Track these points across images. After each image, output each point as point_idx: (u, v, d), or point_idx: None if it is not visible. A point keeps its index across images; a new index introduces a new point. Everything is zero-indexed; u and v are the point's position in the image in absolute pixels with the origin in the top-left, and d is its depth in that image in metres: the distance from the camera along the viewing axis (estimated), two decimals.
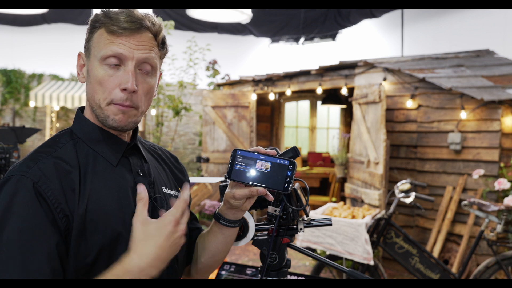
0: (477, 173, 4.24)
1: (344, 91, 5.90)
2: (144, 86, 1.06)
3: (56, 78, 9.52)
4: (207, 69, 8.32)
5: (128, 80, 1.02)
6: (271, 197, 1.08)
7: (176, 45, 6.08)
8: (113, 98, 1.03)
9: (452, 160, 4.69)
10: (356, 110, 5.30)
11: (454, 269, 4.33)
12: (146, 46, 1.05)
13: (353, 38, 9.61)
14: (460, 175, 4.61)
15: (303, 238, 3.89)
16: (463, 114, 4.47)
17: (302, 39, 9.95)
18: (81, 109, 1.14)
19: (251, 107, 6.75)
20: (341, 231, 3.67)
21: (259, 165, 1.05)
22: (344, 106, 8.34)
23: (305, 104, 9.16)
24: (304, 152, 8.92)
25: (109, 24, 1.03)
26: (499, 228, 3.62)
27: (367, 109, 5.06)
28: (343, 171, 6.61)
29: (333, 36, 9.74)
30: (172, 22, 7.11)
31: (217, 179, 3.35)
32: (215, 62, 8.33)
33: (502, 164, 4.26)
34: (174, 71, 7.55)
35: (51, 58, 9.59)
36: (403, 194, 3.76)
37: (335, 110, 9.18)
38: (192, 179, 3.78)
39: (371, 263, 3.52)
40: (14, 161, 2.63)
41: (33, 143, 8.94)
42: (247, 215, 1.23)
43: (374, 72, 5.28)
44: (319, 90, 6.21)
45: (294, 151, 1.15)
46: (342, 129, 8.79)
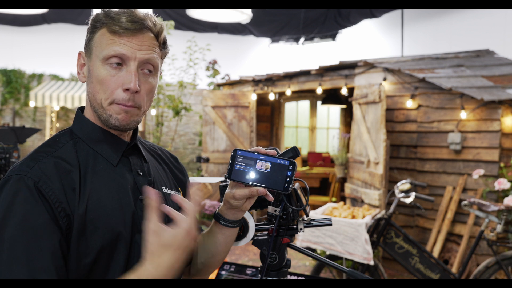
0: (477, 173, 4.24)
1: (344, 91, 5.90)
2: (146, 86, 1.07)
3: (56, 78, 9.51)
4: (207, 69, 8.32)
5: (131, 80, 1.02)
6: (271, 197, 1.08)
7: (176, 45, 6.08)
8: (115, 98, 1.03)
9: (452, 160, 4.69)
10: (356, 110, 5.30)
11: (454, 269, 4.33)
12: (148, 47, 1.05)
13: (353, 38, 9.61)
14: (460, 175, 4.61)
15: (303, 238, 3.89)
16: (463, 114, 4.47)
17: (302, 39, 9.95)
18: (81, 109, 1.14)
19: (251, 107, 6.75)
20: (341, 231, 3.67)
21: (259, 165, 1.05)
22: (344, 106, 8.34)
23: (305, 104, 9.16)
24: (304, 152, 8.92)
25: (111, 24, 1.02)
26: (499, 228, 3.62)
27: (367, 109, 5.06)
28: (343, 171, 6.61)
29: (333, 36, 9.74)
30: (172, 22, 7.12)
31: (217, 179, 3.35)
32: (215, 62, 8.32)
33: (502, 164, 4.26)
34: (174, 71, 7.55)
35: (51, 58, 9.59)
36: (403, 194, 3.76)
37: (335, 110, 9.18)
38: (192, 179, 3.78)
39: (371, 263, 3.52)
40: (14, 161, 2.63)
41: (33, 143, 8.93)
42: (247, 215, 1.23)
43: (374, 72, 5.27)
44: (319, 90, 6.21)
45: (294, 151, 1.15)
46: (342, 129, 8.79)
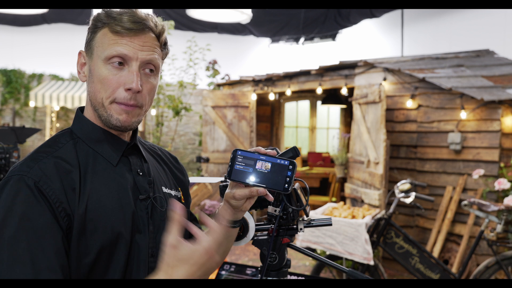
0: (477, 173, 4.24)
1: (344, 91, 5.90)
2: (148, 86, 1.07)
3: (56, 78, 9.51)
4: (207, 69, 8.32)
5: (133, 80, 1.03)
6: (271, 197, 1.08)
7: (176, 45, 6.08)
8: (117, 97, 1.04)
9: (452, 160, 4.69)
10: (356, 110, 5.30)
11: (454, 269, 4.33)
12: (150, 47, 1.05)
13: (353, 38, 9.61)
14: (460, 175, 4.61)
15: (303, 238, 3.89)
16: (463, 114, 4.47)
17: (302, 39, 9.95)
18: (81, 109, 1.14)
19: (251, 107, 6.74)
20: (341, 231, 3.67)
21: (259, 166, 1.05)
22: (344, 106, 8.34)
23: (305, 104, 9.16)
24: (304, 152, 8.92)
25: (113, 24, 1.03)
26: (499, 228, 3.62)
27: (367, 109, 5.06)
28: (343, 171, 6.61)
29: (333, 36, 9.74)
30: (172, 22, 7.12)
31: (217, 179, 3.35)
32: (215, 62, 8.32)
33: (502, 164, 4.26)
34: (174, 71, 7.55)
35: (51, 58, 9.59)
36: (403, 194, 3.75)
37: (335, 110, 9.18)
38: (192, 179, 3.78)
39: (371, 263, 3.52)
40: (14, 161, 2.63)
41: (33, 143, 8.94)
42: (247, 215, 1.23)
43: (374, 72, 5.27)
44: (319, 90, 6.21)
45: (294, 151, 1.15)
46: (342, 129, 8.79)
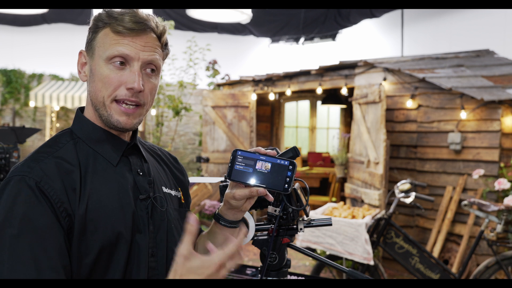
0: (477, 173, 4.24)
1: (344, 91, 5.90)
2: (149, 86, 1.07)
3: (56, 78, 9.51)
4: (207, 69, 8.32)
5: (135, 80, 1.03)
6: (271, 198, 1.08)
7: (176, 45, 6.07)
8: (118, 94, 1.04)
9: (452, 160, 4.69)
10: (356, 110, 5.30)
11: (454, 269, 4.33)
12: (151, 48, 1.06)
13: (353, 38, 9.61)
14: (460, 175, 4.61)
15: (303, 238, 3.89)
16: (463, 114, 4.47)
17: (302, 39, 9.95)
18: (81, 109, 1.14)
19: (251, 107, 6.74)
20: (341, 231, 3.67)
21: (259, 166, 1.05)
22: (344, 106, 8.34)
23: (305, 104, 9.15)
24: (304, 152, 8.92)
25: (115, 24, 1.03)
26: (499, 228, 3.62)
27: (367, 109, 5.06)
28: (343, 171, 6.61)
29: (333, 36, 9.74)
30: (172, 22, 7.11)
31: (217, 179, 3.35)
32: (215, 62, 8.32)
33: (502, 164, 4.26)
34: (174, 71, 7.55)
35: (51, 58, 9.59)
36: (403, 194, 3.75)
37: (335, 110, 9.18)
38: (192, 179, 3.78)
39: (371, 263, 3.52)
40: (14, 161, 2.63)
41: (33, 143, 8.94)
42: (247, 215, 1.23)
43: (374, 72, 5.27)
44: (319, 90, 6.21)
45: (294, 151, 1.15)
46: (342, 129, 8.79)
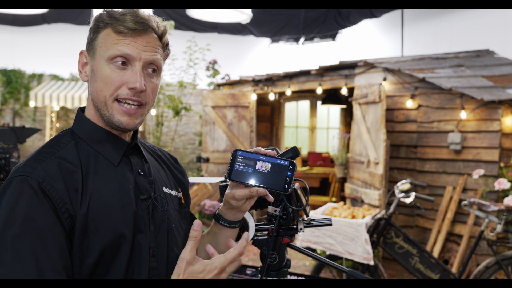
0: (477, 173, 4.24)
1: (344, 91, 5.90)
2: (150, 86, 1.08)
3: (56, 78, 9.51)
4: (207, 69, 8.32)
5: (137, 80, 1.03)
6: (271, 198, 1.08)
7: (176, 45, 6.04)
8: (120, 93, 1.04)
9: (452, 160, 4.69)
10: (356, 110, 5.30)
11: (454, 269, 4.33)
12: (153, 48, 1.06)
13: (353, 38, 9.60)
14: (460, 175, 4.61)
15: (303, 238, 3.89)
16: (463, 114, 4.47)
17: (302, 39, 9.95)
18: (82, 109, 1.14)
19: (251, 107, 6.74)
20: (341, 231, 3.67)
21: (259, 166, 1.05)
22: (344, 106, 8.34)
23: (305, 104, 9.15)
24: (304, 152, 8.92)
25: (116, 25, 1.03)
26: (499, 228, 3.62)
27: (367, 109, 5.06)
28: (343, 171, 6.61)
29: (333, 36, 9.74)
30: (172, 22, 7.12)
31: (217, 179, 3.35)
32: (215, 62, 8.32)
33: (502, 164, 4.26)
34: (174, 71, 7.55)
35: (51, 58, 9.59)
36: (403, 194, 3.75)
37: (335, 110, 9.18)
38: (192, 179, 3.78)
39: (371, 263, 3.52)
40: (14, 161, 2.63)
41: (33, 143, 8.93)
42: (247, 215, 1.23)
43: (374, 72, 5.27)
44: (319, 90, 6.21)
45: (294, 151, 1.15)
46: (342, 129, 8.79)
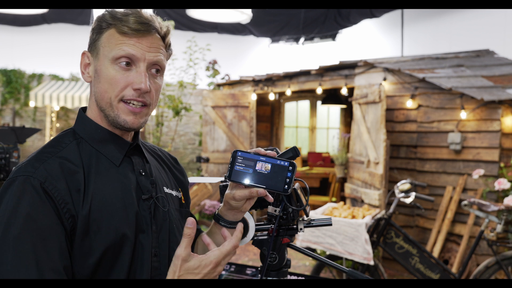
0: (477, 173, 4.24)
1: (344, 91, 5.90)
2: (154, 86, 1.08)
3: (56, 78, 9.51)
4: (207, 69, 8.32)
5: (142, 81, 1.04)
6: (271, 198, 1.08)
7: (176, 45, 6.02)
8: (125, 94, 1.04)
9: (452, 160, 4.69)
10: (356, 110, 5.30)
11: (454, 269, 4.33)
12: (156, 48, 1.07)
13: (353, 38, 9.60)
14: (460, 175, 4.61)
15: (303, 238, 3.89)
16: (463, 114, 4.47)
17: (302, 39, 9.95)
18: (83, 109, 1.14)
19: (251, 107, 6.75)
20: (341, 231, 3.67)
21: (259, 166, 1.05)
22: (344, 106, 8.34)
23: (305, 104, 9.16)
24: (304, 152, 8.92)
25: (120, 25, 1.03)
26: (499, 228, 3.62)
27: (367, 109, 5.06)
28: (343, 171, 6.61)
29: (333, 36, 9.74)
30: (172, 22, 7.11)
31: (217, 179, 3.35)
32: (215, 62, 8.32)
33: (502, 164, 4.26)
34: (174, 71, 7.55)
35: (51, 58, 9.59)
36: (403, 194, 3.76)
37: (335, 110, 9.18)
38: (192, 179, 3.78)
39: (371, 263, 3.52)
40: (14, 161, 2.63)
41: (33, 143, 8.93)
42: (247, 215, 1.23)
43: (374, 72, 5.27)
44: (319, 90, 6.21)
45: (294, 151, 1.15)
46: (342, 129, 8.79)
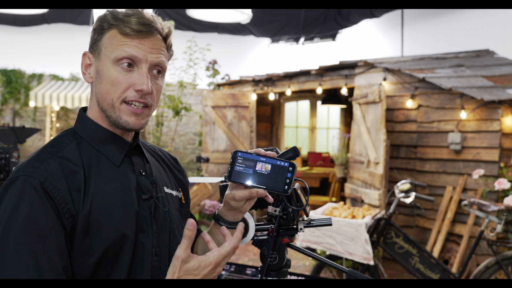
0: (477, 173, 4.24)
1: (344, 91, 5.90)
2: (156, 87, 1.09)
3: (56, 78, 9.51)
4: (207, 69, 8.32)
5: (144, 82, 1.04)
6: (271, 199, 1.08)
7: (176, 45, 6.00)
8: (127, 96, 1.05)
9: (452, 160, 4.69)
10: (356, 110, 5.30)
11: (454, 269, 4.33)
12: (158, 50, 1.07)
13: (353, 38, 9.60)
14: (460, 175, 4.61)
15: (303, 238, 3.89)
16: (463, 114, 4.47)
17: (302, 39, 9.94)
18: (83, 109, 1.14)
19: (251, 107, 6.75)
20: (341, 231, 3.67)
21: (259, 167, 1.05)
22: (344, 106, 8.34)
23: (305, 104, 9.16)
24: (304, 152, 8.92)
25: (122, 26, 1.03)
26: (499, 228, 3.62)
27: (367, 109, 5.06)
28: (343, 171, 6.61)
29: (333, 36, 9.73)
30: (172, 22, 7.11)
31: (217, 179, 3.35)
32: (215, 62, 8.32)
33: (502, 164, 4.26)
34: (174, 71, 7.55)
35: (51, 58, 9.59)
36: (403, 194, 3.76)
37: (335, 110, 9.18)
38: (192, 179, 3.78)
39: (371, 263, 3.52)
40: (14, 161, 2.63)
41: (33, 143, 8.93)
42: (247, 215, 1.23)
43: (374, 72, 5.27)
44: (319, 90, 6.21)
45: (294, 151, 1.15)
46: (342, 129, 8.79)
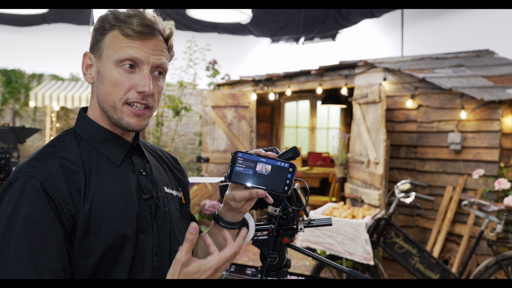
0: (477, 173, 4.24)
1: (344, 91, 5.90)
2: (157, 89, 1.09)
3: (56, 78, 9.51)
4: (207, 69, 8.32)
5: (146, 84, 1.04)
6: (271, 200, 1.08)
7: (176, 45, 5.99)
8: (129, 97, 1.05)
9: (452, 160, 4.69)
10: (356, 110, 5.30)
11: (454, 269, 4.33)
12: (160, 51, 1.07)
13: (353, 38, 9.60)
14: (460, 175, 4.62)
15: (303, 238, 3.89)
16: (463, 114, 4.47)
17: (302, 39, 9.94)
18: (84, 109, 1.14)
19: (251, 107, 6.75)
20: (341, 231, 3.67)
21: (260, 168, 1.05)
22: (344, 106, 8.34)
23: (305, 104, 9.16)
24: (304, 152, 8.92)
25: (123, 27, 1.03)
26: (499, 228, 3.62)
27: (367, 109, 5.06)
28: (343, 171, 6.61)
29: (333, 36, 9.73)
30: (172, 22, 7.11)
31: (217, 179, 3.35)
32: (215, 62, 8.32)
33: (502, 164, 4.26)
34: (174, 71, 7.55)
35: (51, 58, 9.59)
36: (403, 194, 3.76)
37: (335, 110, 9.18)
38: (192, 179, 3.78)
39: (371, 263, 3.52)
40: (14, 161, 2.63)
41: (33, 143, 8.93)
42: (247, 215, 1.23)
43: (374, 72, 5.27)
44: (319, 90, 6.21)
45: (294, 151, 1.15)
46: (342, 129, 8.79)
